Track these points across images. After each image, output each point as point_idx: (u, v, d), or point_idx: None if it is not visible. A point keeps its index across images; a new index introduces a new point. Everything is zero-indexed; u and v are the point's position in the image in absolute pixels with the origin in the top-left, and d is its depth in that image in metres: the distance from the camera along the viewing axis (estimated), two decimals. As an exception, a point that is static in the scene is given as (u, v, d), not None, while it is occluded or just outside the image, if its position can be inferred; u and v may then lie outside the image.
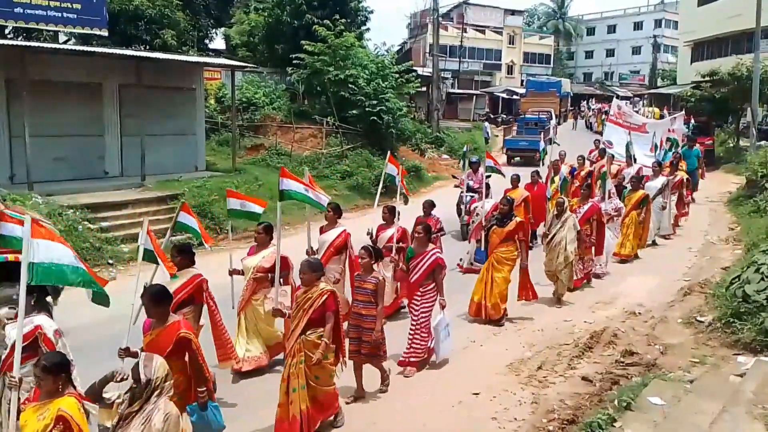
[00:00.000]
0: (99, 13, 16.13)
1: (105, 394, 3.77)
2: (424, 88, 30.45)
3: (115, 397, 3.74)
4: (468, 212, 12.14)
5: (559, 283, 9.26)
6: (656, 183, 12.84)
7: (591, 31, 67.90)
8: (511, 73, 57.95)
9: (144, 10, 21.28)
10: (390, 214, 8.33)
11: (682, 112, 21.46)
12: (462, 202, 12.84)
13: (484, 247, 9.62)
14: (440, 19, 34.61)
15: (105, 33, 16.82)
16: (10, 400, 3.76)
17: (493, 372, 6.79)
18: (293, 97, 25.29)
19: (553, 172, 12.99)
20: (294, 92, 25.40)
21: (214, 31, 31.32)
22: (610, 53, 65.84)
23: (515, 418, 5.75)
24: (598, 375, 6.58)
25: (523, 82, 53.46)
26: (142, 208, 13.00)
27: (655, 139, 15.81)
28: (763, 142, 23.90)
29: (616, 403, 5.62)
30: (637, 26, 64.10)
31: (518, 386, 6.43)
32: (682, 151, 17.38)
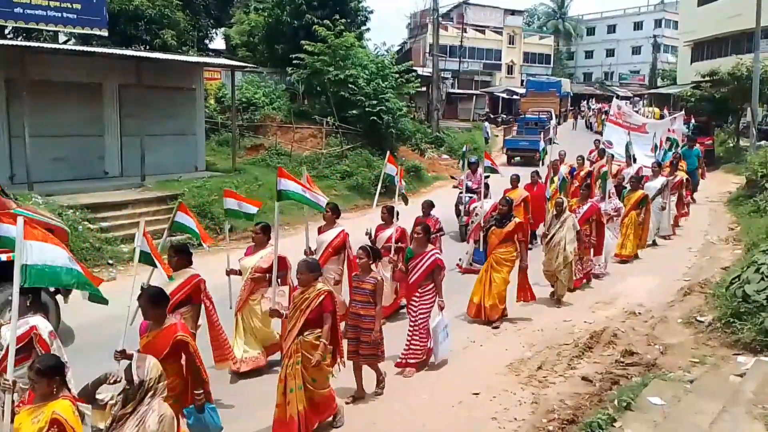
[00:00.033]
0: (99, 13, 16.13)
1: (98, 395, 3.75)
2: (424, 88, 30.45)
3: (108, 398, 3.73)
4: (467, 212, 12.12)
5: (558, 284, 9.24)
6: (655, 183, 12.83)
7: (591, 31, 67.90)
8: (511, 73, 57.95)
9: (144, 10, 21.29)
10: (389, 214, 8.32)
11: (682, 112, 21.44)
12: (460, 203, 12.79)
13: (483, 248, 9.61)
14: (440, 19, 34.61)
15: (105, 33, 16.82)
16: (4, 403, 3.73)
17: (493, 372, 6.79)
18: (293, 97, 25.29)
19: (552, 172, 13.00)
20: (294, 92, 25.39)
21: (214, 31, 31.35)
22: (610, 53, 65.84)
23: (515, 418, 5.75)
24: (598, 375, 6.57)
25: (523, 82, 53.47)
26: (142, 208, 13.01)
27: (655, 140, 15.80)
28: (763, 142, 23.90)
29: (616, 403, 5.61)
30: (637, 26, 64.11)
31: (518, 386, 6.42)
32: (682, 151, 17.37)
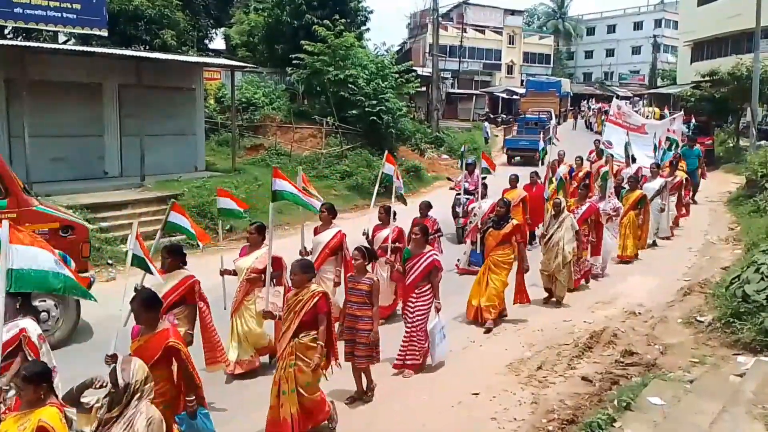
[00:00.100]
0: (99, 13, 16.12)
1: (83, 398, 3.70)
2: (424, 88, 30.44)
3: (93, 401, 3.67)
4: (465, 213, 12.06)
5: (558, 285, 9.16)
6: (654, 185, 12.80)
7: (591, 31, 67.89)
8: (511, 73, 57.95)
9: (144, 11, 21.29)
10: (386, 214, 8.26)
11: (681, 112, 21.44)
12: (457, 205, 12.67)
13: (480, 250, 9.56)
14: (440, 19, 34.62)
15: (105, 33, 16.81)
16: None
17: (493, 372, 6.78)
18: (293, 97, 25.28)
19: (551, 173, 12.98)
20: (294, 92, 25.39)
21: (214, 31, 31.35)
22: (610, 53, 65.84)
23: (515, 418, 5.75)
24: (598, 375, 6.57)
25: (522, 82, 53.46)
26: (141, 208, 13.00)
27: (655, 140, 15.81)
28: (763, 142, 23.90)
29: (615, 403, 5.61)
30: (637, 26, 64.10)
31: (518, 386, 6.42)
32: (682, 151, 17.37)
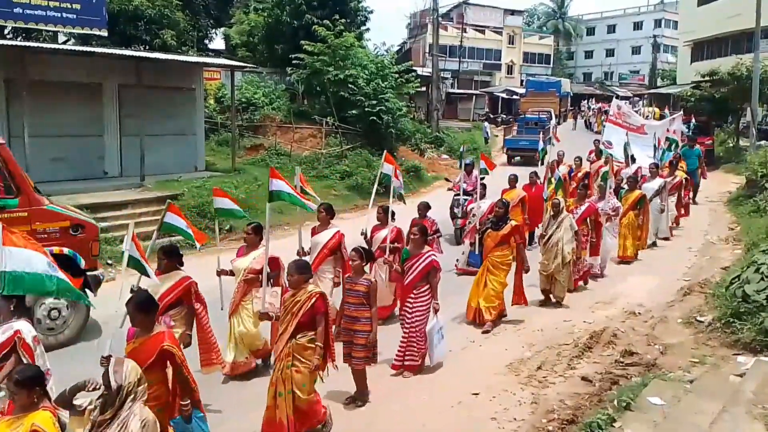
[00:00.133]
0: (98, 13, 16.12)
1: (75, 400, 3.66)
2: (424, 88, 30.43)
3: (86, 403, 3.64)
4: (464, 214, 11.99)
5: (557, 285, 9.11)
6: (653, 184, 12.76)
7: (591, 31, 67.90)
8: (511, 73, 57.96)
9: (144, 11, 21.29)
10: (384, 214, 8.22)
11: (680, 112, 21.45)
12: (455, 206, 12.59)
13: (479, 251, 9.53)
14: (440, 19, 34.61)
15: (104, 33, 16.81)
16: None
17: (493, 372, 6.78)
18: (293, 97, 25.27)
19: (550, 173, 12.94)
20: (293, 92, 25.38)
21: (214, 31, 31.36)
22: (610, 53, 65.85)
23: (515, 419, 5.75)
24: (598, 375, 6.57)
25: (522, 82, 53.47)
26: (141, 208, 13.00)
27: (654, 141, 15.81)
28: (763, 142, 23.91)
29: (615, 403, 5.60)
30: (637, 26, 64.12)
31: (518, 386, 6.42)
32: (682, 151, 17.36)
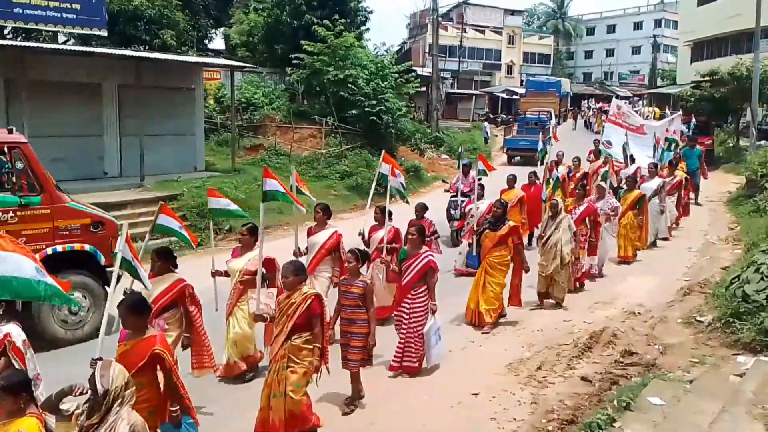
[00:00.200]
0: (98, 13, 16.13)
1: (62, 405, 3.62)
2: (424, 88, 30.43)
3: (73, 407, 3.61)
4: (462, 215, 11.89)
5: (556, 286, 9.06)
6: (652, 184, 12.73)
7: (591, 31, 67.91)
8: (511, 73, 57.97)
9: (143, 11, 21.30)
10: (382, 214, 8.18)
11: (679, 112, 21.47)
12: (452, 208, 12.47)
13: (476, 251, 9.51)
14: (440, 19, 34.60)
15: (104, 33, 16.83)
16: None
17: (493, 372, 6.78)
18: (292, 97, 25.28)
19: (548, 173, 12.90)
20: (293, 92, 25.38)
21: (214, 31, 31.37)
22: (610, 53, 65.86)
23: (514, 419, 5.74)
24: (598, 375, 6.56)
25: (522, 82, 53.48)
26: (141, 208, 12.99)
27: (654, 141, 15.81)
28: (763, 142, 23.90)
29: (615, 403, 5.60)
30: (637, 26, 64.14)
31: (517, 386, 6.41)
32: (683, 151, 17.36)
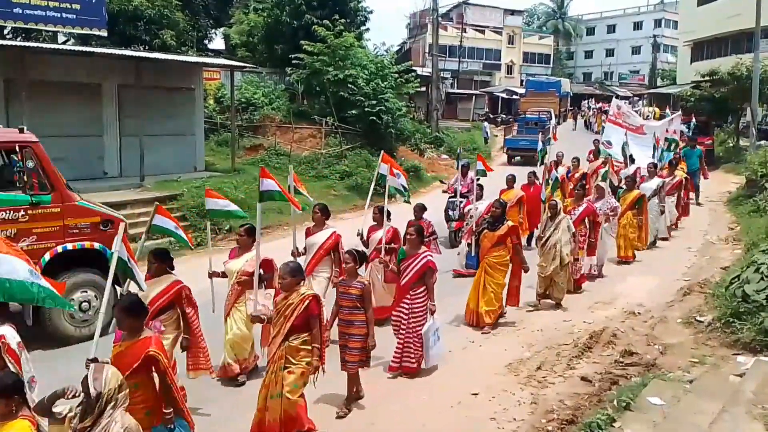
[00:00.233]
0: (98, 13, 16.15)
1: (55, 408, 3.59)
2: (424, 88, 30.42)
3: (66, 410, 3.58)
4: (461, 216, 11.87)
5: (556, 287, 9.06)
6: (651, 184, 12.73)
7: (591, 31, 67.91)
8: (511, 73, 57.97)
9: (143, 11, 21.31)
10: (380, 214, 8.15)
11: (679, 112, 21.46)
12: (450, 209, 12.42)
13: (475, 252, 9.49)
14: (440, 19, 34.60)
15: (104, 33, 16.84)
16: None
17: (492, 372, 6.78)
18: (292, 97, 25.28)
19: (548, 174, 12.89)
20: (293, 92, 25.38)
21: (214, 31, 31.37)
22: (610, 53, 65.86)
23: (514, 419, 5.74)
24: (598, 375, 6.56)
25: (522, 81, 53.48)
26: (140, 208, 12.98)
27: (653, 140, 15.80)
28: (763, 142, 23.91)
29: (615, 403, 5.60)
30: (637, 26, 64.13)
31: (517, 386, 6.41)
32: (684, 152, 17.36)
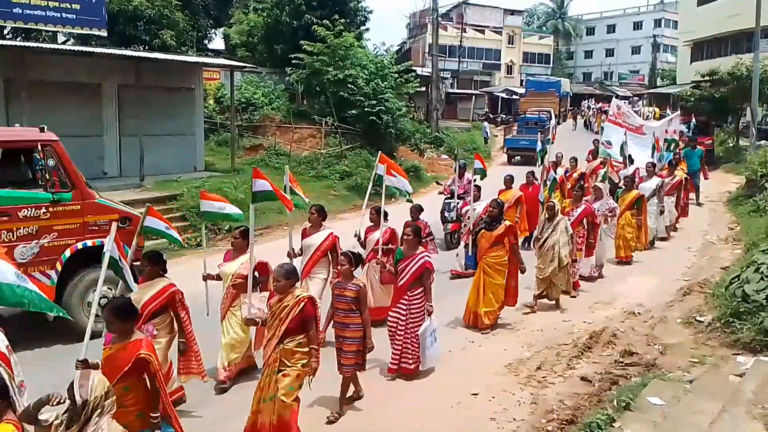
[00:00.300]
0: (98, 13, 16.14)
1: (41, 415, 3.50)
2: (424, 88, 30.43)
3: (52, 418, 3.52)
4: (458, 218, 11.80)
5: (554, 288, 9.05)
6: (650, 184, 12.72)
7: (590, 31, 67.95)
8: (511, 73, 57.99)
9: (143, 11, 21.31)
10: (377, 215, 8.12)
11: (678, 112, 21.46)
12: (446, 210, 12.32)
13: (473, 252, 9.45)
14: (440, 19, 34.60)
15: (104, 33, 16.84)
16: None
17: (492, 372, 6.77)
18: (292, 97, 25.29)
19: (546, 174, 12.88)
20: (293, 92, 25.40)
21: (214, 31, 31.35)
22: (610, 53, 65.90)
23: (514, 419, 5.74)
24: (598, 375, 6.56)
25: (522, 81, 53.50)
26: (140, 208, 12.79)
27: (653, 140, 15.81)
28: (763, 142, 23.92)
29: (615, 403, 5.60)
30: (637, 26, 64.17)
31: (517, 386, 6.41)
32: (684, 152, 17.35)
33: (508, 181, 11.90)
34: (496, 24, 56.89)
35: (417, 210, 9.11)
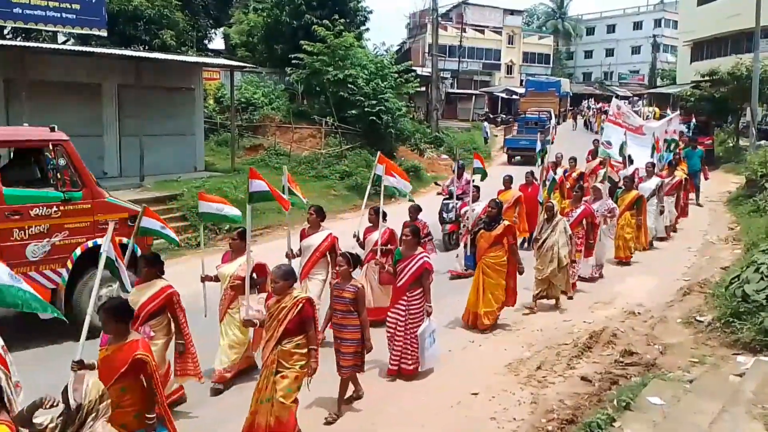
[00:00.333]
0: (98, 13, 16.15)
1: (35, 419, 3.48)
2: (424, 88, 30.44)
3: (47, 421, 3.51)
4: (457, 218, 11.80)
5: (553, 288, 9.04)
6: (649, 184, 12.71)
7: (590, 31, 67.96)
8: (511, 73, 58.00)
9: (143, 11, 21.33)
10: (376, 215, 8.09)
11: (677, 112, 21.45)
12: (444, 211, 12.29)
13: (471, 252, 9.43)
14: (439, 19, 34.61)
15: (104, 33, 16.85)
16: None
17: (492, 372, 6.77)
18: (292, 97, 25.30)
19: (545, 174, 12.86)
20: (293, 92, 25.41)
21: (213, 31, 31.36)
22: (610, 53, 65.90)
23: (514, 418, 5.74)
24: (598, 375, 6.56)
25: (522, 81, 53.51)
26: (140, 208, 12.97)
27: (653, 141, 15.80)
28: (763, 142, 23.92)
29: (615, 403, 5.60)
30: (637, 26, 64.19)
31: (517, 386, 6.41)
32: (685, 152, 17.34)
33: (507, 182, 11.87)
34: (496, 24, 56.89)
35: (416, 210, 9.09)
